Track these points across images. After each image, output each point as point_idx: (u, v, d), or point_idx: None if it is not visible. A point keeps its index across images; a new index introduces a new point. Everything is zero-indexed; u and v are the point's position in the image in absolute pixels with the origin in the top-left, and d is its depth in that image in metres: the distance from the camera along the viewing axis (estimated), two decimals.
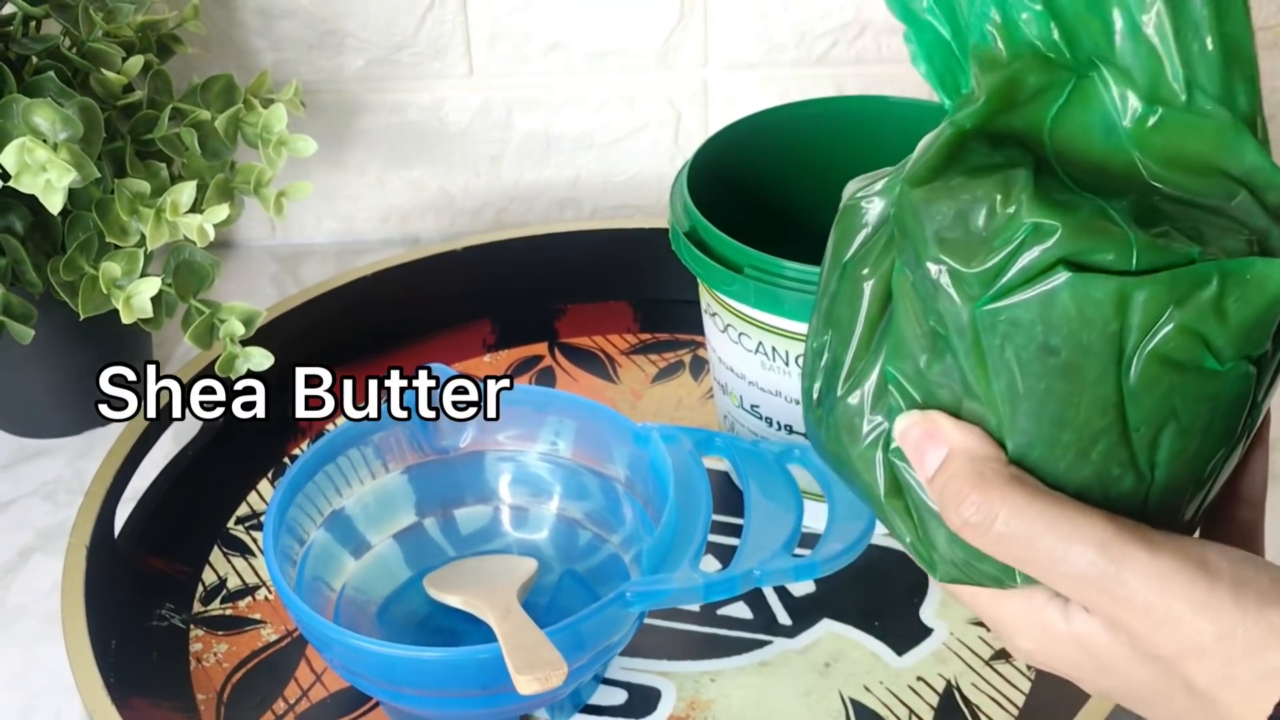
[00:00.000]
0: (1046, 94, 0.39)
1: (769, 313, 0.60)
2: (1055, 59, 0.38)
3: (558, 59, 0.84)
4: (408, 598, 0.62)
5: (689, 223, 0.63)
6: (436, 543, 0.64)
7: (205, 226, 0.64)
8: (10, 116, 0.61)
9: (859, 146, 0.69)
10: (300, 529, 0.59)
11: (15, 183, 0.59)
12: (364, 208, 0.89)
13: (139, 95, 0.67)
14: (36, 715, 0.60)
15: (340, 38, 0.83)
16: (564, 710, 0.59)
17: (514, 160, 0.88)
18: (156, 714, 0.58)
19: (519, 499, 0.65)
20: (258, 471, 0.71)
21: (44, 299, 0.65)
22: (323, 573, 0.60)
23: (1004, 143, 0.38)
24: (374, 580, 0.62)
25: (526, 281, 0.80)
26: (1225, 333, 0.37)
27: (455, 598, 0.59)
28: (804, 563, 0.55)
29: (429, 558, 0.63)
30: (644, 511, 0.61)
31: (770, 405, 0.64)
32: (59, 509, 0.71)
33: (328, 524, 0.61)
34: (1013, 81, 0.38)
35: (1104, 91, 0.38)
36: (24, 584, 0.67)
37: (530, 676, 0.50)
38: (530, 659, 0.51)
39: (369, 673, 0.54)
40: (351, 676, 0.56)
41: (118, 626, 0.61)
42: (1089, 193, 0.38)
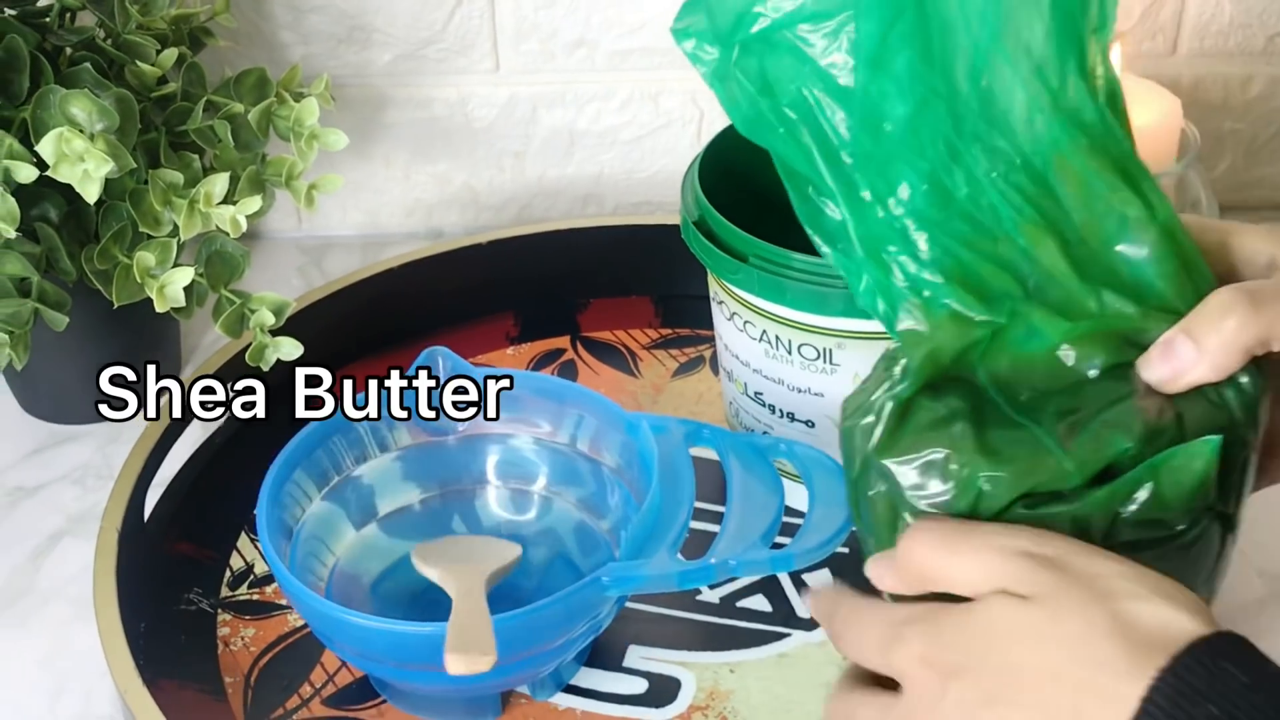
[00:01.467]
0: (969, 350, 0.44)
1: (773, 302, 0.60)
2: (974, 317, 0.44)
3: (582, 56, 0.84)
4: (400, 574, 0.62)
5: (698, 212, 0.63)
6: (431, 522, 0.65)
7: (238, 217, 0.64)
8: (48, 107, 0.61)
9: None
10: (296, 505, 0.60)
11: (53, 172, 0.59)
12: (389, 201, 0.89)
13: (173, 87, 0.68)
14: (67, 696, 0.61)
15: (368, 33, 0.83)
16: (545, 688, 0.59)
17: (538, 156, 0.88)
18: (185, 695, 0.59)
19: (513, 482, 0.66)
20: None
21: (77, 287, 0.66)
22: (317, 550, 0.61)
23: (944, 390, 0.44)
24: (367, 557, 0.63)
25: (549, 276, 0.80)
26: (1172, 509, 0.42)
27: (432, 571, 0.59)
28: (780, 555, 0.56)
29: (423, 536, 0.63)
30: (631, 498, 0.62)
31: (774, 392, 0.64)
32: (88, 494, 0.71)
33: (327, 497, 0.62)
34: (933, 355, 0.44)
35: (1023, 324, 0.44)
36: (54, 567, 0.67)
37: (458, 656, 0.50)
38: (465, 640, 0.51)
39: (351, 644, 0.56)
40: (339, 650, 0.57)
41: (147, 610, 0.62)
42: (1024, 408, 0.43)
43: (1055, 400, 0.43)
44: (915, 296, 0.44)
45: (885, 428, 0.44)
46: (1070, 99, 0.44)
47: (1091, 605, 0.39)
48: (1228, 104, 0.87)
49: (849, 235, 0.45)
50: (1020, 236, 0.44)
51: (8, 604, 0.65)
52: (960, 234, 0.44)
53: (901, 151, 0.44)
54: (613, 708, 0.59)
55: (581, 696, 0.59)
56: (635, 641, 0.62)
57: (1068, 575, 0.40)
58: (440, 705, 0.59)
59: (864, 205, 0.45)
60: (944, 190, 0.44)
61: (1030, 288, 0.44)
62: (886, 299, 0.45)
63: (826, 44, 0.44)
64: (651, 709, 0.59)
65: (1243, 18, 0.84)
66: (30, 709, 0.60)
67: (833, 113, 0.45)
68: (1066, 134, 0.44)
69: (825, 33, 0.44)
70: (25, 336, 0.62)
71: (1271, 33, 0.84)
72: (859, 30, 0.43)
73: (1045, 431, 0.42)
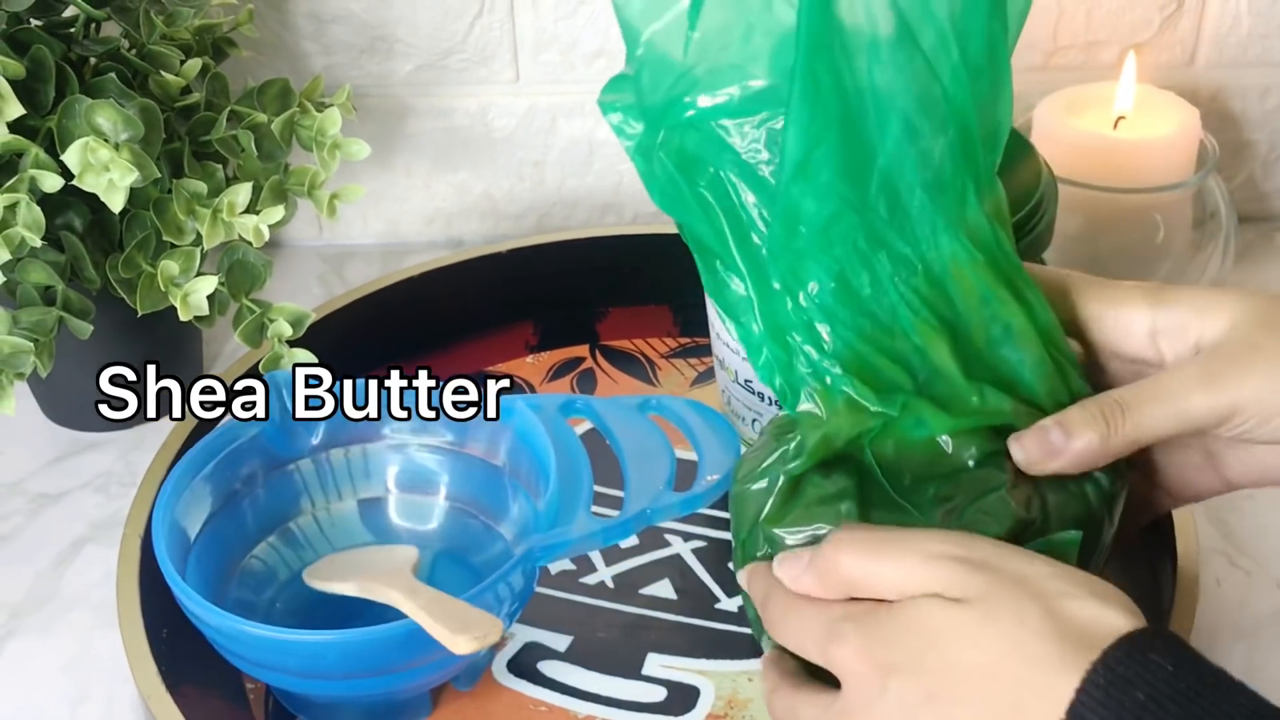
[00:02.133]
0: (861, 435, 0.48)
1: None
2: (869, 407, 0.47)
3: (602, 66, 0.84)
4: (289, 597, 0.62)
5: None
6: (314, 539, 0.64)
7: (261, 227, 0.64)
8: (73, 116, 0.62)
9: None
10: (187, 534, 0.59)
11: (79, 181, 0.60)
12: (409, 210, 0.90)
13: (197, 97, 0.68)
14: (89, 703, 0.61)
15: (390, 43, 0.83)
16: (468, 678, 0.59)
17: (557, 166, 0.88)
18: (206, 702, 0.59)
19: (398, 489, 0.66)
20: None
21: (100, 295, 0.66)
22: (208, 579, 0.60)
23: (834, 468, 0.48)
24: (259, 581, 0.62)
25: (569, 284, 0.80)
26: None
27: (348, 586, 0.58)
28: (688, 496, 0.58)
29: (308, 555, 0.63)
30: (528, 495, 0.62)
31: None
32: (111, 501, 0.71)
33: (226, 508, 0.61)
34: (828, 438, 0.48)
35: (912, 416, 0.47)
36: (77, 574, 0.67)
37: (467, 636, 0.51)
38: (461, 620, 0.52)
39: (289, 664, 0.54)
40: (257, 669, 0.57)
41: (170, 616, 0.62)
42: (906, 491, 0.47)
43: (934, 485, 0.47)
44: (816, 382, 0.48)
45: (776, 500, 0.48)
46: (968, 218, 0.48)
47: (1025, 604, 0.41)
48: (1246, 115, 0.87)
49: (753, 313, 0.49)
50: (915, 335, 0.48)
51: (31, 610, 0.65)
52: (862, 329, 0.48)
53: (813, 251, 0.47)
54: (631, 715, 0.59)
55: (600, 704, 0.59)
56: (654, 650, 0.62)
57: (998, 576, 0.42)
58: (375, 713, 0.59)
59: (773, 293, 0.48)
60: (850, 288, 0.48)
61: (920, 382, 0.48)
62: (786, 378, 0.49)
63: (749, 138, 0.47)
64: (670, 717, 0.59)
65: (1261, 29, 0.84)
66: (53, 715, 0.60)
67: (749, 200, 0.48)
68: (964, 249, 0.48)
69: (750, 126, 0.47)
70: (50, 344, 0.63)
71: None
72: (785, 140, 0.46)
73: (925, 516, 0.47)
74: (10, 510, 0.71)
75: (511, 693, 0.60)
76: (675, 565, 0.66)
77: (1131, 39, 0.84)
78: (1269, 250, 0.88)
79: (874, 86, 0.46)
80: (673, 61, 0.48)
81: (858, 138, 0.46)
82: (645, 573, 0.65)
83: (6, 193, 0.60)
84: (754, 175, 0.48)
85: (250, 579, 0.62)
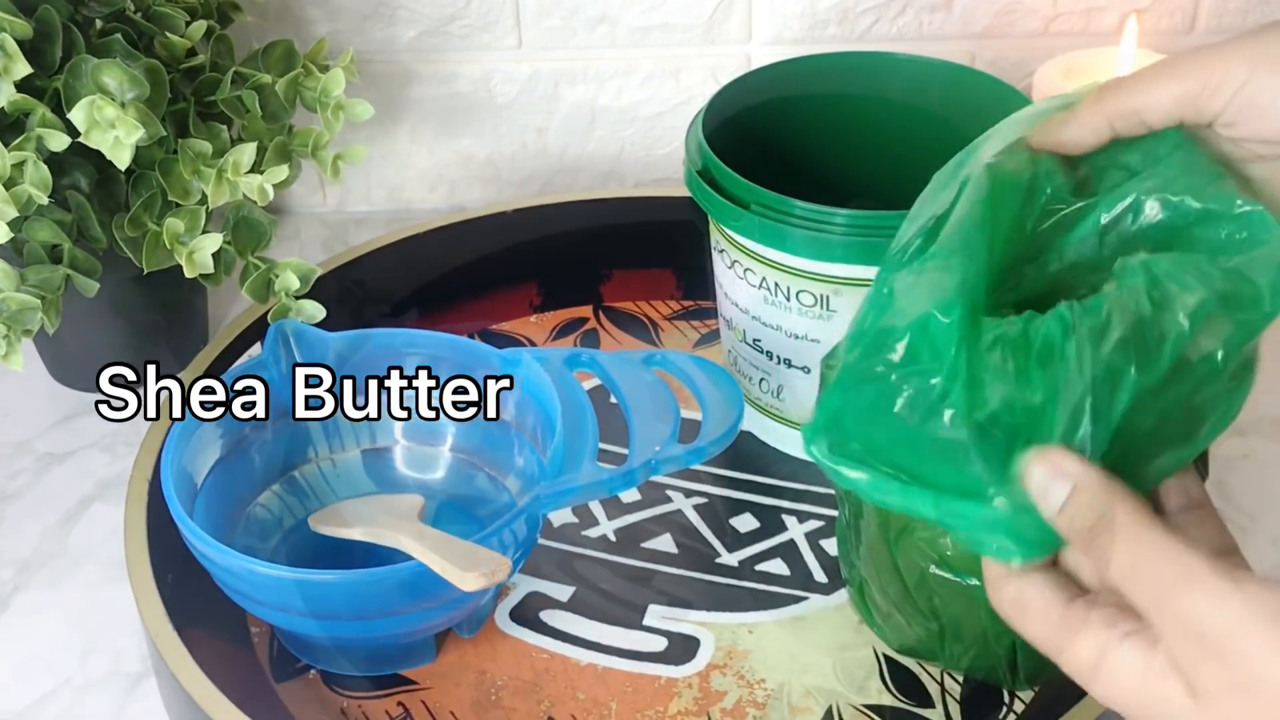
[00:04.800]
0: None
1: (774, 248, 0.62)
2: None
3: (604, 32, 0.85)
4: (294, 544, 0.62)
5: (701, 162, 0.65)
6: (319, 488, 0.65)
7: (265, 186, 0.64)
8: (79, 76, 0.62)
9: (864, 97, 0.71)
10: (194, 478, 0.60)
11: (85, 139, 0.60)
12: (413, 177, 0.90)
13: (202, 59, 0.68)
14: (97, 654, 0.62)
15: (393, 9, 0.83)
16: (472, 625, 0.60)
17: (559, 132, 0.88)
18: (213, 645, 0.59)
19: (405, 439, 0.66)
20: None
21: (107, 255, 0.66)
22: (215, 524, 0.60)
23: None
24: (264, 528, 0.63)
25: (573, 246, 0.80)
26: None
27: (355, 531, 0.59)
28: (693, 448, 0.58)
29: (313, 504, 0.64)
30: (533, 448, 0.62)
31: (771, 339, 0.65)
32: (117, 460, 0.72)
33: (233, 454, 0.62)
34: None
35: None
36: (84, 531, 0.68)
37: (475, 573, 0.51)
38: (470, 559, 0.52)
39: (298, 605, 0.55)
40: (265, 610, 0.57)
41: (175, 562, 0.62)
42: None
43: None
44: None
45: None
46: None
47: None
48: None
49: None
50: None
51: (40, 566, 0.66)
52: None
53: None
54: (632, 664, 0.59)
55: (601, 653, 0.60)
56: (655, 601, 0.62)
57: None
58: (379, 657, 0.59)
59: None
60: None
61: None
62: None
63: None
64: (671, 666, 0.59)
65: None
66: (61, 667, 0.61)
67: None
68: None
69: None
70: (56, 301, 0.63)
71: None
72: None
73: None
74: (18, 469, 0.72)
75: (513, 640, 0.61)
76: (676, 521, 0.66)
77: (1131, 5, 0.84)
78: None
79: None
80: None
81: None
82: (647, 527, 0.66)
83: (14, 150, 0.60)
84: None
85: (255, 526, 0.62)
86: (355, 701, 0.59)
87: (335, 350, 0.64)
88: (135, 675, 0.61)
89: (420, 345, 0.65)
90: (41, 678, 0.61)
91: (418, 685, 0.59)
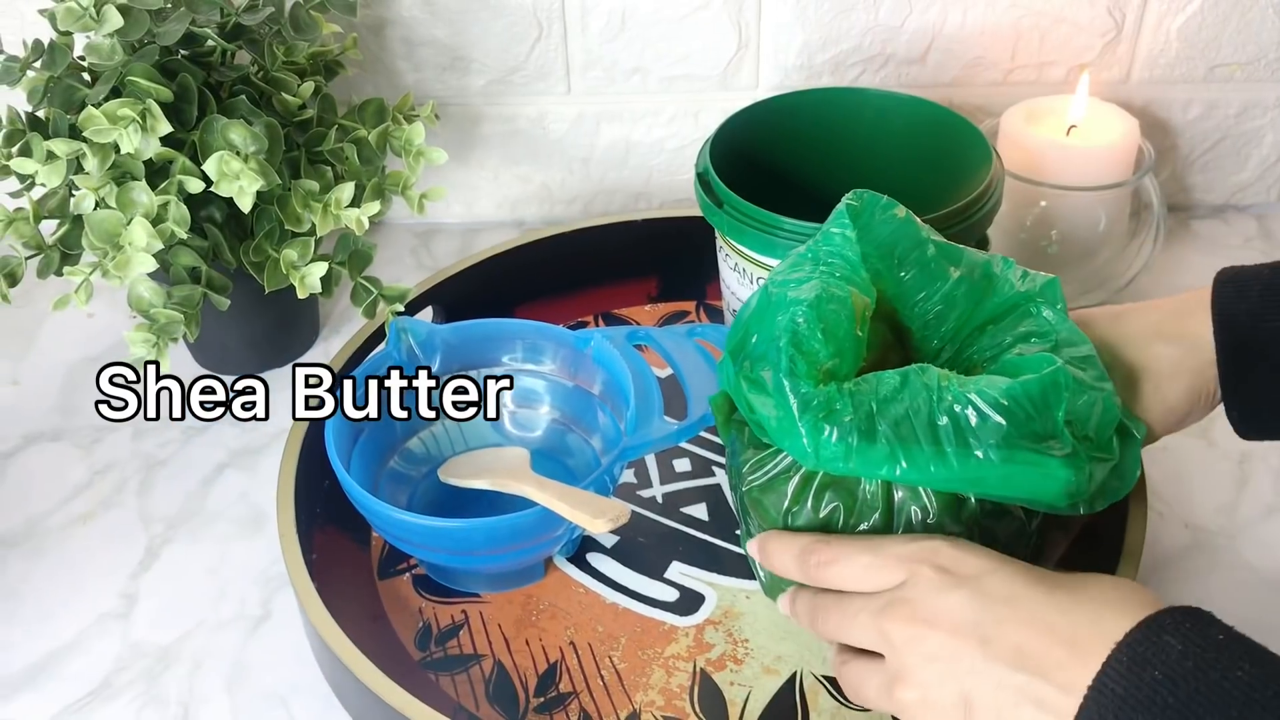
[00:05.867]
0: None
1: (765, 255, 0.62)
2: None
3: (637, 81, 0.84)
4: (426, 488, 0.64)
5: (707, 177, 0.65)
6: (443, 444, 0.65)
7: (362, 219, 0.65)
8: (212, 132, 0.62)
9: (847, 125, 0.72)
10: (347, 444, 0.60)
11: (215, 188, 0.61)
12: (482, 196, 0.90)
13: (310, 114, 0.68)
14: (227, 599, 0.63)
15: (466, 62, 0.83)
16: (569, 549, 0.62)
17: (600, 162, 0.88)
18: (340, 540, 0.61)
19: (514, 405, 0.67)
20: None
21: (237, 273, 0.67)
22: (367, 476, 0.61)
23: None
24: (402, 480, 0.64)
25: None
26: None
27: (482, 481, 0.60)
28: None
29: (439, 458, 0.65)
30: (611, 413, 0.63)
31: None
32: (245, 433, 0.73)
33: (361, 439, 0.62)
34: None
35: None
36: (219, 493, 0.69)
37: (604, 519, 0.52)
38: (596, 508, 0.53)
39: (443, 545, 0.56)
40: (416, 550, 0.58)
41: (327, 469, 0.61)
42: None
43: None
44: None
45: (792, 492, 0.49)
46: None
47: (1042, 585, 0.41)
48: (1171, 123, 0.85)
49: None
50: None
51: (182, 522, 0.67)
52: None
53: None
54: (646, 609, 0.59)
55: (624, 595, 0.60)
56: (678, 559, 0.62)
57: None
58: (500, 579, 0.60)
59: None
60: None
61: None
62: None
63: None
64: (677, 615, 0.59)
65: (1187, 52, 0.82)
66: (197, 609, 0.62)
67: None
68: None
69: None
70: (196, 315, 0.64)
71: (1211, 64, 0.82)
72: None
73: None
74: (168, 439, 0.73)
75: (562, 574, 0.61)
76: (713, 493, 0.66)
77: (1077, 60, 0.83)
78: (1187, 235, 0.87)
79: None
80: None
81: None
82: (689, 494, 0.66)
83: (160, 194, 0.61)
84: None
85: (396, 479, 0.64)
86: (430, 604, 0.60)
87: (443, 339, 0.64)
88: (256, 618, 0.61)
89: (513, 332, 0.65)
90: (183, 618, 0.62)
91: (479, 599, 0.60)
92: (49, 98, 0.64)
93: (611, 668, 0.57)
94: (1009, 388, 0.43)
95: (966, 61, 0.83)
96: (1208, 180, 0.88)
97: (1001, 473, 0.43)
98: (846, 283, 0.48)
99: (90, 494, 0.69)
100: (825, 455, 0.45)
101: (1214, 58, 0.82)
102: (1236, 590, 0.60)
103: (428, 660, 0.58)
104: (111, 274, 0.59)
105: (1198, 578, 0.61)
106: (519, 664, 0.57)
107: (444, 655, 0.58)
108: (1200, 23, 0.81)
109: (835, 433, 0.44)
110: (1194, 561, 0.62)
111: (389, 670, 0.52)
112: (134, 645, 0.60)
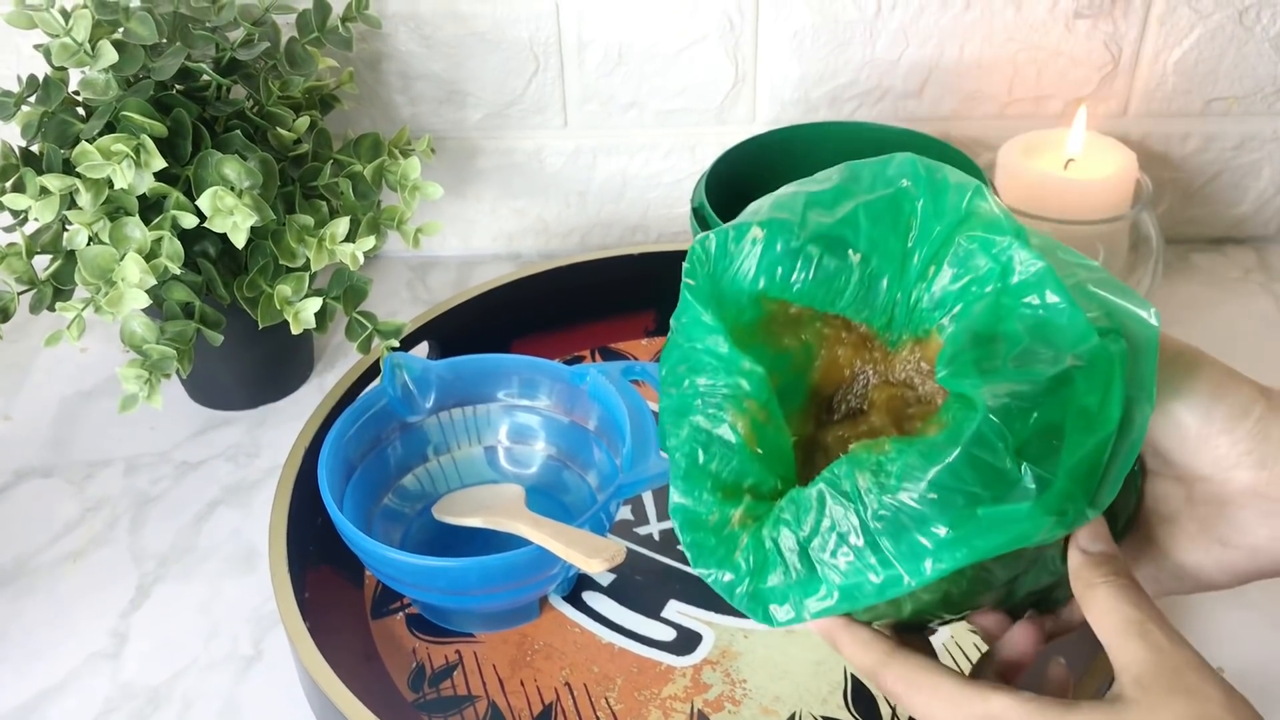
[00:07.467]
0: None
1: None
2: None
3: (634, 115, 0.84)
4: (419, 526, 0.63)
5: (702, 212, 0.65)
6: (438, 481, 0.65)
7: (357, 254, 0.65)
8: (206, 167, 0.62)
9: (843, 159, 0.70)
10: (342, 468, 0.61)
11: (209, 224, 0.60)
12: (479, 229, 0.90)
13: (305, 148, 0.68)
14: (218, 638, 0.62)
15: (463, 95, 0.83)
16: (564, 587, 0.61)
17: (597, 195, 0.88)
18: (334, 580, 0.61)
19: (509, 441, 0.67)
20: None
21: (231, 308, 0.67)
22: (359, 514, 0.61)
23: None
24: (395, 517, 0.63)
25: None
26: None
27: (476, 519, 0.59)
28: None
29: (433, 495, 0.64)
30: (607, 449, 0.63)
31: None
32: (239, 469, 0.73)
33: (371, 457, 0.62)
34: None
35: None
36: (211, 530, 0.68)
37: (600, 559, 0.51)
38: (591, 547, 0.52)
39: (434, 584, 0.55)
40: (409, 589, 0.58)
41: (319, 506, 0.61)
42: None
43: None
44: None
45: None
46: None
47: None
48: (1169, 156, 0.85)
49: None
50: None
51: (174, 560, 0.67)
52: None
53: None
54: (643, 649, 0.59)
55: (621, 634, 0.60)
56: (675, 597, 0.62)
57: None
58: (491, 618, 0.60)
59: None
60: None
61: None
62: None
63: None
64: (674, 655, 0.59)
65: (1184, 86, 0.82)
66: (188, 648, 0.62)
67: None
68: None
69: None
70: (189, 350, 0.64)
71: (1208, 98, 0.83)
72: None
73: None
74: (160, 475, 0.72)
75: (557, 613, 0.61)
76: None
77: (1074, 94, 0.83)
78: (1186, 268, 0.87)
79: None
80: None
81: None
82: None
83: (154, 229, 0.61)
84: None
85: (389, 516, 0.63)
86: (424, 644, 0.59)
87: (438, 374, 0.64)
88: (248, 658, 0.61)
89: (508, 367, 0.65)
90: (174, 657, 0.61)
91: (474, 639, 0.59)
92: (43, 133, 0.64)
93: (608, 709, 0.56)
94: (935, 479, 0.36)
95: (964, 95, 0.83)
96: (1206, 213, 0.88)
97: (967, 552, 0.36)
98: (727, 399, 0.42)
99: (81, 531, 0.68)
100: (779, 623, 0.40)
101: (1211, 91, 0.82)
102: (1240, 630, 0.60)
103: (421, 701, 0.57)
104: (104, 309, 0.59)
105: (1200, 611, 0.61)
106: (514, 705, 0.56)
107: (437, 696, 0.57)
108: (1197, 56, 0.81)
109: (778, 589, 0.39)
110: (1196, 597, 0.62)
111: (381, 712, 0.51)
112: (124, 685, 0.60)
